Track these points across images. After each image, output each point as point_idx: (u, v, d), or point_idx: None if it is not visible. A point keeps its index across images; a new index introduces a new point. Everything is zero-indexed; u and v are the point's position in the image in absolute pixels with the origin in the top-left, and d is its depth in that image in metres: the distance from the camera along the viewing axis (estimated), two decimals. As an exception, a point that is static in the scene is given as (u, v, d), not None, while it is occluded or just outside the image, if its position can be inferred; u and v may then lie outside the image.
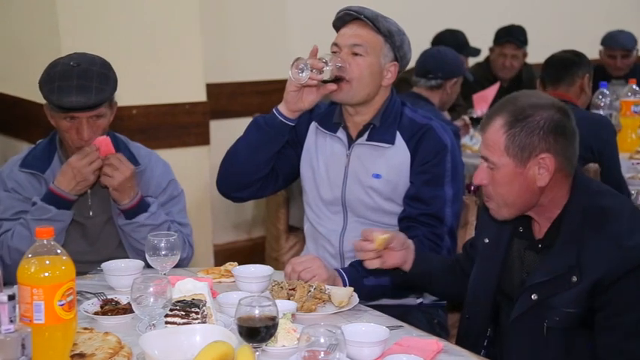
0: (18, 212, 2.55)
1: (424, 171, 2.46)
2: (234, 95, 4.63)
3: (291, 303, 2.02)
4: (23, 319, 1.58)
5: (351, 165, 2.51)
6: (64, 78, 2.45)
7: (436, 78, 3.90)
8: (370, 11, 2.45)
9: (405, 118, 2.51)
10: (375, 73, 2.45)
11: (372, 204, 2.49)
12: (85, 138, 2.49)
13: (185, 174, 3.36)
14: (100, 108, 2.50)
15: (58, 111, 2.49)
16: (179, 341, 1.75)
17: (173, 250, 2.17)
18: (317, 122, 2.59)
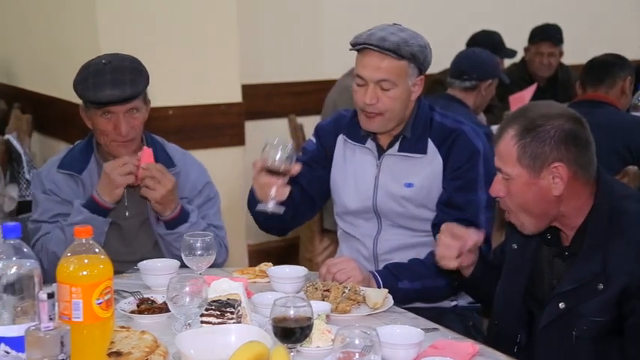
0: (56, 215, 2.58)
1: (457, 177, 2.43)
2: (270, 96, 4.65)
3: (326, 304, 2.02)
4: (62, 316, 1.60)
5: (381, 175, 2.49)
6: (98, 75, 2.48)
7: (470, 79, 3.87)
8: (391, 40, 2.35)
9: (435, 124, 2.49)
10: (405, 98, 2.42)
11: (404, 212, 2.48)
12: (122, 133, 2.52)
13: (220, 175, 3.37)
14: (134, 101, 2.52)
15: (95, 108, 2.52)
16: (214, 341, 1.76)
17: (209, 250, 2.18)
18: (344, 135, 2.57)
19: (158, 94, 2.93)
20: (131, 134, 2.55)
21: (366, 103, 2.39)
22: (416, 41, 2.39)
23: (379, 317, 2.05)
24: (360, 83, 2.41)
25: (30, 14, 4.40)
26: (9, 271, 1.56)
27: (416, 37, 2.41)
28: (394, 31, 2.39)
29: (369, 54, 2.38)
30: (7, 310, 1.56)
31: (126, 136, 2.53)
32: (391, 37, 2.36)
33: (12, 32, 4.69)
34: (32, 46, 4.44)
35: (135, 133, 2.57)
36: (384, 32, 2.38)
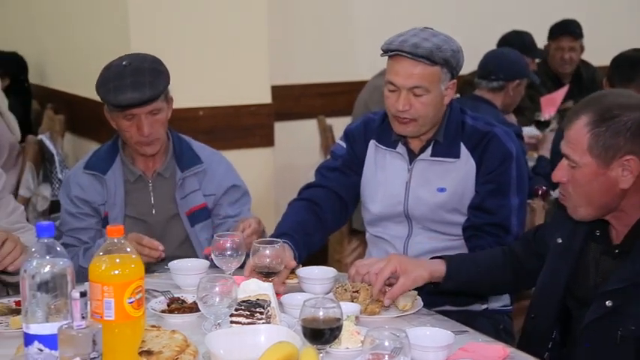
0: (72, 229, 2.65)
1: (489, 180, 2.41)
2: (299, 97, 4.66)
3: (355, 305, 2.02)
4: (94, 315, 1.62)
5: (413, 180, 2.47)
6: (118, 78, 2.50)
7: (498, 79, 3.83)
8: (424, 47, 2.31)
9: (467, 127, 2.46)
10: (438, 102, 2.39)
11: (436, 217, 2.46)
12: (145, 134, 2.54)
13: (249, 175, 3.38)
14: (155, 102, 2.54)
15: (117, 110, 2.55)
16: (244, 341, 1.77)
17: (238, 250, 2.19)
18: (375, 140, 2.55)
19: (188, 95, 2.96)
20: (154, 134, 2.57)
21: (399, 110, 2.36)
22: (449, 46, 2.35)
23: (408, 319, 2.04)
24: (391, 89, 2.39)
25: (63, 16, 4.45)
26: (43, 269, 1.58)
27: (448, 41, 2.37)
28: (427, 36, 2.35)
29: (401, 60, 2.34)
30: (41, 308, 1.58)
31: (148, 136, 2.56)
32: (424, 44, 2.32)
33: (45, 34, 4.76)
34: (65, 47, 4.50)
35: (158, 133, 2.59)
36: (416, 38, 2.34)
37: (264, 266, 2.17)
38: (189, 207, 2.68)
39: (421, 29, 2.40)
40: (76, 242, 2.65)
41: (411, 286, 2.10)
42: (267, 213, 3.99)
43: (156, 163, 2.68)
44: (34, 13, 4.89)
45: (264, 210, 3.93)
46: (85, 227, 2.66)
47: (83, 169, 2.67)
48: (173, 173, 2.68)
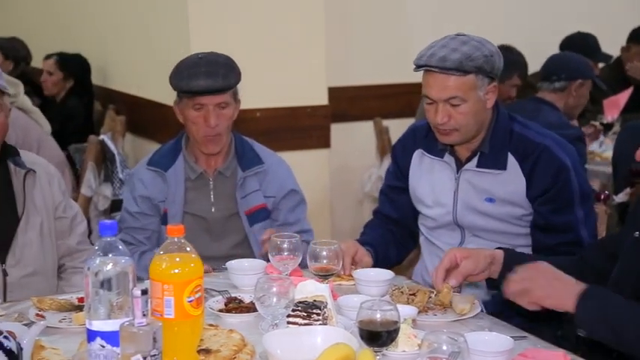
0: (128, 228, 2.72)
1: (550, 199, 2.34)
2: (355, 99, 4.65)
3: (412, 308, 2.01)
4: (154, 313, 1.64)
5: (460, 189, 2.44)
6: (193, 67, 2.58)
7: (559, 79, 3.75)
8: (452, 59, 2.26)
9: (515, 136, 2.39)
10: (479, 109, 2.34)
11: (487, 226, 2.43)
12: (212, 125, 2.59)
13: (305, 176, 3.40)
14: (225, 95, 2.60)
15: (187, 98, 2.59)
16: (301, 342, 1.77)
17: (295, 251, 2.20)
18: (423, 149, 2.53)
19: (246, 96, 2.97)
20: (219, 128, 2.61)
21: (438, 122, 2.34)
22: (480, 52, 2.29)
23: (466, 323, 2.02)
24: (429, 102, 2.36)
25: (125, 19, 4.54)
26: (105, 267, 1.61)
27: (480, 47, 2.30)
28: (456, 46, 2.29)
29: (432, 74, 2.31)
30: (103, 305, 1.61)
31: (214, 128, 2.60)
32: (452, 55, 2.26)
33: (108, 37, 4.85)
34: (126, 49, 4.59)
35: (222, 128, 2.63)
36: (444, 50, 2.28)
37: (321, 268, 2.18)
38: (250, 206, 2.71)
39: (452, 37, 2.34)
40: (132, 240, 2.71)
41: (474, 267, 2.07)
42: (322, 214, 4.01)
43: (217, 161, 2.72)
44: (99, 17, 4.99)
45: (320, 211, 3.94)
46: (141, 227, 2.73)
47: (146, 165, 2.74)
48: (234, 172, 2.71)
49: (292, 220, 2.72)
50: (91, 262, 1.62)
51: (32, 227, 2.45)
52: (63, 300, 2.13)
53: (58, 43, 5.28)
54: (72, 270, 2.54)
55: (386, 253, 2.53)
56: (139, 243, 2.72)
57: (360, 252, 2.38)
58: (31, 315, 2.04)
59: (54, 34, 5.74)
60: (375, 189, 4.49)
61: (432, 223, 2.53)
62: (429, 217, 2.53)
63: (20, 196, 2.45)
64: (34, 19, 6.20)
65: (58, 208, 2.54)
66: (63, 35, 5.57)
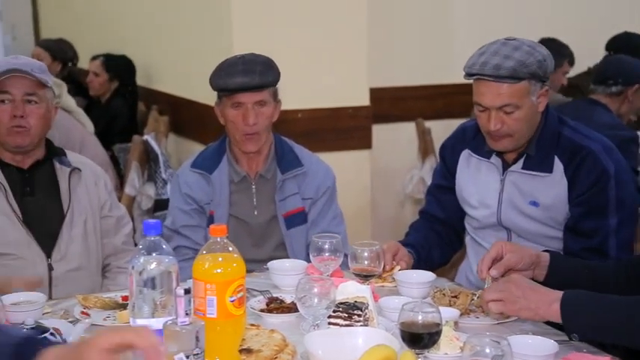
0: (184, 227, 2.71)
1: (583, 202, 2.31)
2: (396, 100, 4.63)
3: (454, 311, 1.99)
4: (197, 312, 1.66)
5: (505, 191, 2.42)
6: (231, 66, 2.61)
7: (616, 84, 3.69)
8: (506, 67, 2.22)
9: (563, 139, 2.35)
10: (532, 114, 2.32)
11: (531, 229, 2.40)
12: (250, 123, 2.60)
13: (346, 177, 3.40)
14: (263, 93, 2.61)
15: (226, 97, 2.62)
16: (342, 342, 1.77)
17: (336, 252, 2.20)
18: (470, 149, 2.52)
19: (288, 97, 2.99)
20: (258, 127, 2.62)
21: (491, 129, 2.31)
22: (534, 58, 2.25)
23: (509, 326, 2.00)
24: (481, 109, 2.33)
25: (169, 21, 4.59)
26: (149, 266, 1.63)
27: (532, 52, 2.27)
28: (508, 52, 2.26)
29: (485, 83, 2.28)
30: (147, 303, 1.62)
31: (253, 126, 2.61)
32: (506, 63, 2.23)
33: (152, 38, 4.91)
34: (170, 50, 4.63)
35: (261, 127, 2.64)
36: (497, 58, 2.25)
37: (362, 269, 2.17)
38: (287, 210, 2.71)
39: (502, 43, 2.30)
40: (189, 243, 2.70)
41: (517, 261, 2.05)
42: (363, 216, 4.00)
43: (259, 164, 2.73)
44: (144, 19, 5.05)
45: (360, 213, 3.94)
46: (196, 225, 2.71)
47: (190, 167, 2.75)
48: (274, 175, 2.72)
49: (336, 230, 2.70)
50: (135, 260, 1.64)
51: (77, 224, 2.50)
52: (107, 298, 2.16)
53: (104, 45, 5.36)
54: (117, 270, 2.58)
55: (429, 255, 2.52)
56: (196, 245, 2.68)
57: (401, 252, 2.37)
58: (77, 312, 2.07)
59: (100, 36, 5.83)
60: (417, 190, 4.47)
61: (476, 223, 2.52)
62: (473, 218, 2.52)
63: (65, 193, 2.50)
64: (82, 21, 6.30)
65: (103, 208, 2.58)
66: (109, 37, 5.65)
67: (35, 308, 2.00)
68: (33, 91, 2.41)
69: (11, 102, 2.40)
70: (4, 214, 2.42)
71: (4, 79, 2.38)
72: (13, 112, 2.39)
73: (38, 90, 2.43)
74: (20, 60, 2.44)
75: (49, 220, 2.48)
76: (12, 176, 2.46)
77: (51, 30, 7.10)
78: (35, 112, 2.42)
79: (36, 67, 2.43)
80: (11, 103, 2.40)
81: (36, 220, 2.46)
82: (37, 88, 2.42)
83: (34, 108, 2.42)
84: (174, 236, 2.69)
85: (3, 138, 2.43)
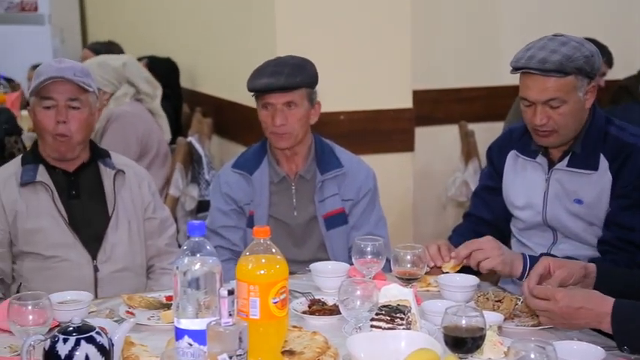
0: (222, 227, 2.73)
1: (624, 194, 2.29)
2: (439, 102, 4.60)
3: (498, 315, 1.97)
4: (240, 313, 1.67)
5: (550, 189, 2.41)
6: (262, 67, 2.64)
7: None
8: (552, 61, 2.22)
9: (609, 138, 2.34)
10: (578, 109, 2.30)
11: (576, 227, 2.38)
12: (276, 124, 2.61)
13: (388, 180, 3.38)
14: (290, 93, 2.60)
15: (258, 98, 2.64)
16: (384, 346, 1.76)
17: (379, 254, 2.19)
18: (516, 150, 2.50)
19: (330, 99, 2.99)
20: (286, 128, 2.62)
21: (537, 124, 2.30)
22: (580, 53, 2.25)
23: (554, 332, 1.97)
24: (527, 104, 2.33)
25: (213, 25, 4.63)
26: (193, 267, 1.65)
27: (580, 47, 2.26)
28: (555, 47, 2.26)
29: (531, 76, 2.27)
30: (191, 304, 1.64)
31: (280, 127, 2.61)
32: (552, 57, 2.23)
33: (197, 41, 4.96)
34: (214, 53, 4.67)
35: (290, 129, 2.63)
36: (544, 52, 2.25)
37: (404, 272, 2.16)
38: (327, 210, 2.71)
39: (550, 38, 2.30)
40: (226, 244, 2.72)
41: (567, 277, 2.01)
42: (405, 219, 3.98)
43: (298, 165, 2.74)
44: (189, 23, 5.10)
45: (402, 215, 3.92)
46: (234, 225, 2.73)
47: (231, 167, 2.77)
48: (314, 176, 2.73)
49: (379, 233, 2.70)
50: (179, 261, 1.66)
51: (122, 226, 2.53)
52: (152, 298, 2.18)
53: (149, 48, 5.42)
54: (161, 271, 2.61)
55: None
56: (233, 246, 2.71)
57: (445, 247, 2.33)
58: (122, 312, 2.10)
59: (145, 39, 5.90)
60: (459, 193, 4.44)
61: (522, 224, 2.50)
62: (519, 219, 2.50)
63: (110, 195, 2.53)
64: (127, 24, 6.39)
65: (147, 210, 2.61)
66: (154, 40, 5.72)
67: (82, 307, 2.03)
68: (75, 97, 2.44)
69: (55, 107, 2.43)
70: (51, 216, 2.46)
71: (47, 84, 2.42)
72: (57, 118, 2.42)
73: (80, 95, 2.45)
74: (64, 64, 2.47)
75: (95, 223, 2.51)
76: (58, 179, 2.50)
77: (98, 33, 7.21)
78: (77, 117, 2.45)
79: (78, 71, 2.45)
80: (55, 109, 2.43)
81: (81, 222, 2.50)
82: (79, 93, 2.45)
83: (76, 113, 2.45)
84: (212, 236, 2.71)
85: (48, 144, 2.47)
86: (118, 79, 3.97)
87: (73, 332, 1.56)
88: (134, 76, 4.03)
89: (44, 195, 2.47)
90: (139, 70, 4.14)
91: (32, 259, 2.45)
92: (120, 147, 3.56)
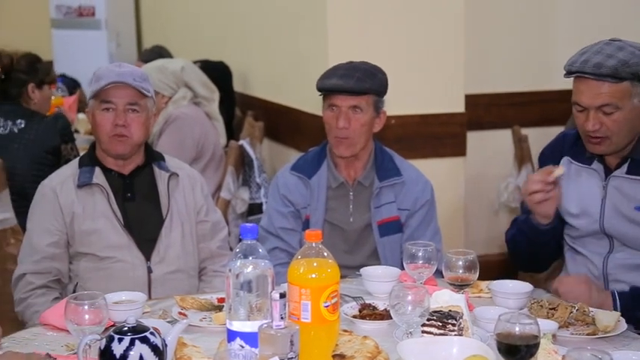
0: (281, 228, 2.73)
1: None
2: (491, 106, 4.55)
3: (553, 323, 1.94)
4: (291, 316, 1.67)
5: (608, 197, 2.35)
6: (335, 69, 2.68)
7: None
8: (608, 66, 2.18)
9: None
10: (633, 117, 2.25)
11: (636, 235, 2.32)
12: (340, 125, 2.62)
13: (439, 185, 3.35)
14: (358, 98, 2.62)
15: (325, 98, 2.65)
16: (436, 352, 1.75)
17: (430, 260, 2.18)
18: (570, 156, 2.45)
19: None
20: (349, 132, 2.63)
21: (589, 130, 2.26)
22: (637, 59, 2.20)
23: (610, 341, 1.93)
24: (579, 109, 2.28)
25: (265, 27, 4.66)
26: (246, 269, 1.66)
27: (637, 53, 2.21)
28: (612, 51, 2.21)
29: (585, 81, 2.23)
30: (243, 306, 1.65)
31: (343, 129, 2.62)
32: (608, 62, 2.19)
33: (250, 46, 4.99)
34: (267, 58, 4.70)
35: (353, 133, 2.64)
36: (599, 56, 2.21)
37: (456, 277, 2.14)
38: (382, 217, 2.70)
39: (606, 43, 2.26)
40: (284, 246, 2.72)
41: None
42: (456, 224, 3.94)
43: (357, 171, 2.74)
44: (241, 27, 5.15)
45: (453, 221, 3.89)
46: (292, 228, 2.74)
47: (290, 170, 2.78)
48: (372, 182, 2.72)
49: (418, 235, 2.68)
50: (232, 263, 1.67)
51: (175, 228, 2.56)
52: (204, 300, 2.20)
53: (203, 51, 5.48)
54: (213, 273, 2.63)
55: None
56: (291, 249, 2.70)
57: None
58: (174, 313, 2.12)
59: (199, 43, 5.97)
60: (512, 199, 4.38)
61: (576, 232, 2.45)
62: (573, 227, 2.45)
63: (165, 198, 2.57)
64: (182, 29, 6.47)
65: (200, 212, 2.64)
66: (208, 43, 5.78)
67: (136, 307, 2.06)
68: (134, 101, 2.49)
69: (114, 110, 2.48)
70: (107, 218, 2.50)
71: (107, 88, 2.47)
72: (116, 121, 2.47)
73: (139, 100, 2.50)
74: (124, 68, 2.52)
75: (149, 224, 2.55)
76: (114, 181, 2.55)
77: (152, 37, 7.32)
78: (136, 120, 2.50)
79: (138, 76, 2.50)
80: (114, 112, 2.48)
81: (136, 224, 2.54)
82: (138, 98, 2.50)
83: (134, 117, 2.49)
84: (270, 238, 2.72)
85: (105, 145, 2.52)
86: (177, 83, 4.03)
87: (127, 332, 1.59)
88: (192, 79, 4.09)
89: (100, 197, 2.51)
90: (197, 74, 4.20)
91: (88, 259, 2.50)
92: (175, 149, 3.62)
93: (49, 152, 3.52)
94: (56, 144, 3.55)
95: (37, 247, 2.49)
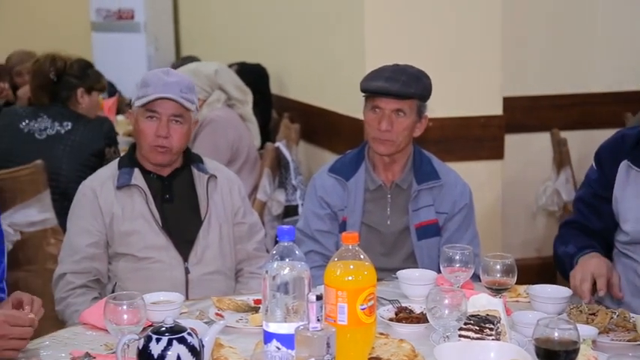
0: (317, 231, 2.72)
1: None
2: (529, 109, 4.51)
3: (592, 328, 1.91)
4: (328, 319, 1.67)
5: None
6: (380, 70, 2.66)
7: None
8: None
9: None
10: None
11: None
12: (382, 128, 2.61)
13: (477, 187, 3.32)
14: (402, 102, 2.60)
15: (368, 100, 2.64)
16: (473, 356, 1.74)
17: (467, 263, 2.16)
18: (629, 160, 2.38)
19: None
20: (390, 135, 2.61)
21: None
22: None
23: (652, 348, 1.90)
24: None
25: (301, 29, 4.67)
26: (282, 271, 1.66)
27: None
28: None
29: None
30: (280, 308, 1.66)
31: (384, 132, 2.61)
32: None
33: (285, 47, 5.01)
34: (303, 60, 4.72)
35: (394, 136, 2.63)
36: None
37: (494, 281, 2.12)
38: (420, 220, 2.69)
39: None
40: (320, 249, 2.71)
41: None
42: (493, 227, 3.91)
43: (395, 174, 2.73)
44: (277, 28, 5.17)
45: (491, 224, 3.85)
46: (328, 230, 2.72)
47: (328, 171, 2.78)
48: (410, 185, 2.71)
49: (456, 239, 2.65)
50: (269, 265, 1.68)
51: (213, 230, 2.58)
52: (240, 301, 2.21)
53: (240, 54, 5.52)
54: (249, 275, 2.65)
55: None
56: (327, 252, 2.69)
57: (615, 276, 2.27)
58: (211, 314, 2.14)
59: (236, 45, 6.01)
60: (550, 202, 4.33)
61: (625, 237, 2.39)
62: (626, 232, 2.38)
63: (203, 199, 2.59)
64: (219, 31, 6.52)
65: (237, 214, 2.65)
66: (245, 46, 5.81)
67: (174, 308, 2.08)
68: (179, 113, 2.51)
69: (158, 120, 2.50)
70: (145, 219, 2.53)
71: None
72: (158, 132, 2.49)
73: (184, 112, 2.52)
74: (171, 77, 2.52)
75: (187, 226, 2.57)
76: (152, 183, 2.57)
77: (190, 41, 7.39)
78: (179, 131, 2.52)
79: (184, 87, 2.51)
80: (157, 121, 2.50)
81: (174, 225, 2.55)
82: (182, 111, 2.52)
83: (177, 127, 2.52)
84: (306, 240, 2.72)
85: (145, 153, 2.55)
86: (211, 86, 4.06)
87: (165, 332, 1.60)
88: (225, 82, 4.12)
89: (139, 198, 2.54)
90: (230, 77, 4.22)
91: (126, 260, 2.53)
92: (210, 151, 3.64)
93: (94, 154, 3.58)
94: (101, 147, 3.61)
95: (77, 247, 2.52)
